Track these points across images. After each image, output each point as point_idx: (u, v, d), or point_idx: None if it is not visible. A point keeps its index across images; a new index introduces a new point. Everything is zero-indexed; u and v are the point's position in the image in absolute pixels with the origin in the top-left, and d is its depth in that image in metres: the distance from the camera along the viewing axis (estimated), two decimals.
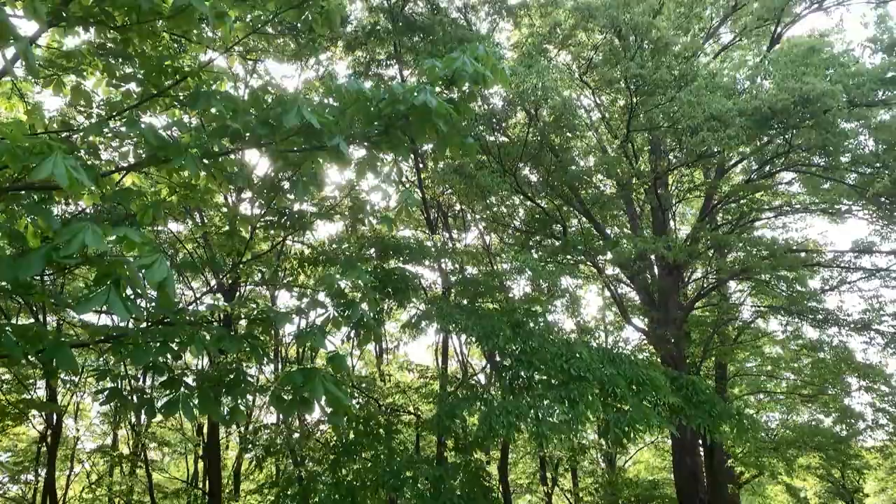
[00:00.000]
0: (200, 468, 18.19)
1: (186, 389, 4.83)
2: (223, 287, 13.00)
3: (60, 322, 12.36)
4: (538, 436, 8.79)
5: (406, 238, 13.47)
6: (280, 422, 14.99)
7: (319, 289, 5.95)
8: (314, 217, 8.83)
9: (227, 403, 5.26)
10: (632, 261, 14.53)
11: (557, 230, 15.78)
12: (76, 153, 4.71)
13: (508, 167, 13.71)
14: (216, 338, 5.01)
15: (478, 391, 12.58)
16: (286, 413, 4.62)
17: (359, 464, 10.88)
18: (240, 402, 5.26)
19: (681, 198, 17.58)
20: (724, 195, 15.70)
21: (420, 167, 14.87)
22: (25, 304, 12.00)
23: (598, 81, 13.86)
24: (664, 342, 14.88)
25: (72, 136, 5.40)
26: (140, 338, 4.66)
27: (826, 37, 16.90)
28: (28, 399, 13.98)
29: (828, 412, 19.41)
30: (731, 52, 18.31)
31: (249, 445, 13.60)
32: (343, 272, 5.92)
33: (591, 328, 19.79)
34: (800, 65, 11.81)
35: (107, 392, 5.22)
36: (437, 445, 13.53)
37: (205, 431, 15.75)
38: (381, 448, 11.06)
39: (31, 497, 16.10)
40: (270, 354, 15.31)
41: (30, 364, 4.62)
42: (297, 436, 13.39)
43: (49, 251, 2.80)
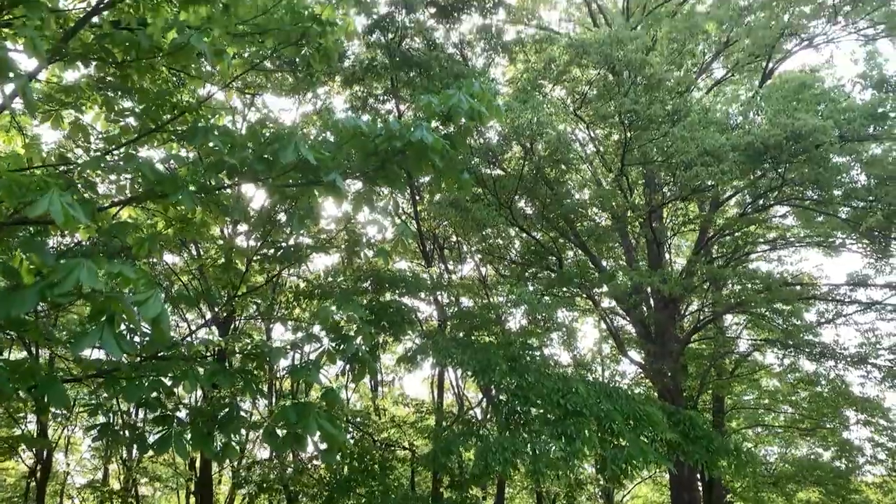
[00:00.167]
0: None
1: (179, 425, 4.77)
2: (218, 320, 12.92)
3: (53, 355, 12.24)
4: (535, 472, 8.69)
5: (402, 270, 13.48)
6: (273, 457, 14.79)
7: (314, 322, 5.93)
8: (310, 250, 8.83)
9: (220, 439, 5.20)
10: (627, 294, 14.53)
11: (553, 262, 15.80)
12: (73, 187, 4.72)
13: (504, 200, 13.78)
14: (210, 373, 4.97)
15: (474, 426, 12.46)
16: (280, 450, 4.57)
17: (353, 500, 10.73)
18: (233, 439, 5.19)
19: (676, 231, 17.65)
20: (719, 228, 15.78)
21: (416, 199, 14.93)
22: (18, 337, 11.88)
23: (593, 116, 14.01)
24: (661, 375, 14.80)
25: (69, 170, 5.41)
26: (133, 373, 4.62)
27: (816, 72, 17.18)
28: (18, 434, 13.78)
29: (826, 446, 19.26)
30: (724, 87, 18.57)
31: (242, 481, 13.40)
32: (338, 306, 5.90)
33: (588, 362, 19.68)
34: (791, 100, 11.97)
35: (98, 428, 5.17)
36: (433, 482, 13.35)
37: (197, 466, 15.52)
38: (376, 484, 10.93)
39: None
40: (264, 388, 15.17)
41: (20, 399, 4.57)
42: (291, 472, 13.20)
43: (43, 288, 2.79)
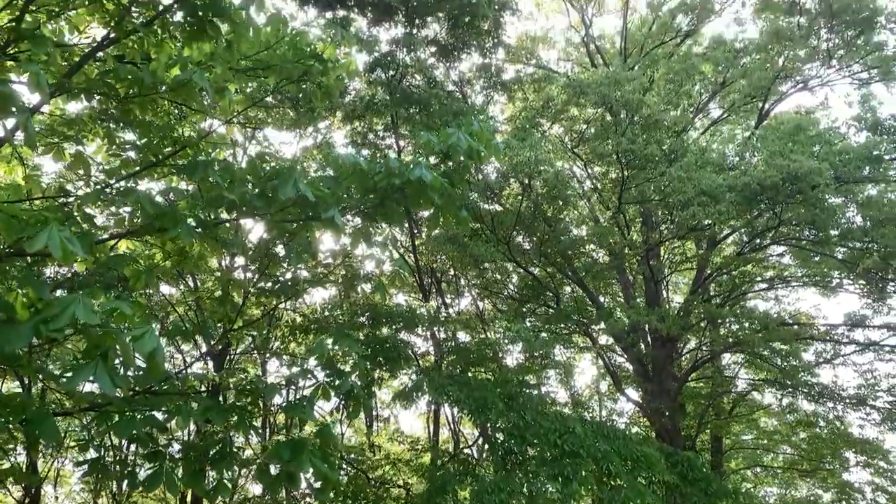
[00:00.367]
0: None
1: (170, 461, 4.71)
2: (213, 353, 12.85)
3: (45, 387, 12.12)
4: None
5: (399, 305, 13.43)
6: (266, 495, 14.55)
7: (310, 357, 5.90)
8: (308, 284, 8.82)
9: (213, 476, 5.12)
10: (625, 332, 14.49)
11: (551, 298, 15.78)
12: (72, 220, 4.73)
13: (502, 236, 13.82)
14: (203, 408, 4.92)
15: (470, 465, 12.30)
16: (272, 489, 4.50)
17: None
18: (225, 475, 5.12)
19: (673, 269, 17.68)
20: (716, 267, 15.80)
21: (414, 233, 14.97)
22: (10, 368, 11.77)
23: (590, 154, 14.14)
24: (659, 415, 14.68)
25: (68, 203, 5.43)
26: (126, 407, 4.57)
27: (812, 113, 17.42)
28: (7, 467, 13.54)
29: (826, 487, 19.03)
30: (721, 126, 18.80)
31: None
32: (335, 340, 5.87)
33: (585, 400, 19.54)
34: (787, 142, 12.10)
35: (89, 463, 5.10)
36: None
37: (188, 501, 15.25)
38: None
39: None
40: (258, 423, 14.99)
41: (10, 434, 4.52)
42: None
43: (38, 323, 2.78)
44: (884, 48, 14.56)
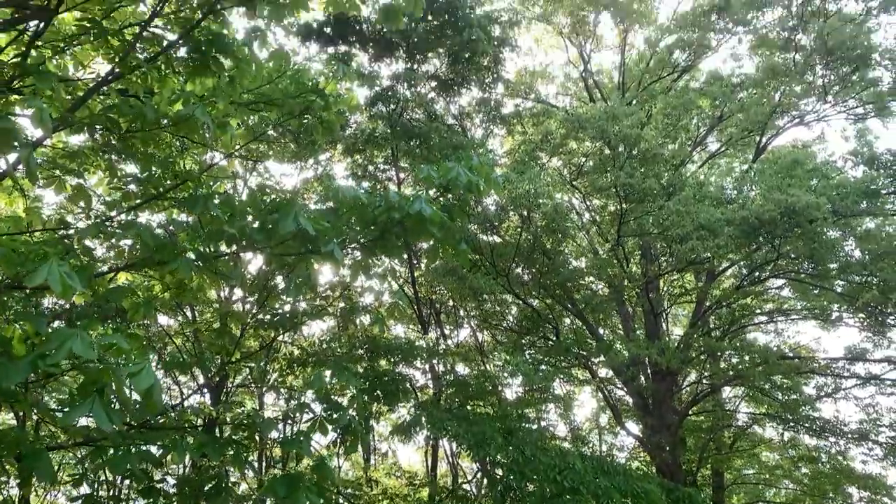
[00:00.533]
0: None
1: (165, 497, 4.66)
2: (210, 385, 12.75)
3: (39, 420, 12.00)
4: None
5: (398, 337, 13.37)
6: None
7: (307, 390, 5.86)
8: (306, 317, 8.80)
9: None
10: (625, 366, 14.40)
11: (550, 329, 15.72)
12: (72, 252, 4.73)
13: (501, 267, 13.82)
14: (199, 443, 4.87)
15: (469, 501, 12.14)
16: None
17: None
18: None
19: (673, 301, 17.65)
20: (716, 300, 15.78)
21: (413, 264, 14.97)
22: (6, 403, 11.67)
23: (589, 188, 14.21)
24: (659, 449, 14.52)
25: (68, 236, 5.44)
26: (120, 441, 4.52)
27: (808, 147, 17.58)
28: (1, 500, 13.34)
29: None
30: (719, 159, 18.93)
31: None
32: (333, 375, 5.84)
33: (585, 433, 19.34)
34: (785, 176, 12.18)
35: (83, 499, 5.03)
36: None
37: None
38: None
39: None
40: (254, 456, 14.81)
41: (2, 467, 4.46)
42: None
43: (35, 359, 2.77)
44: (879, 84, 14.74)
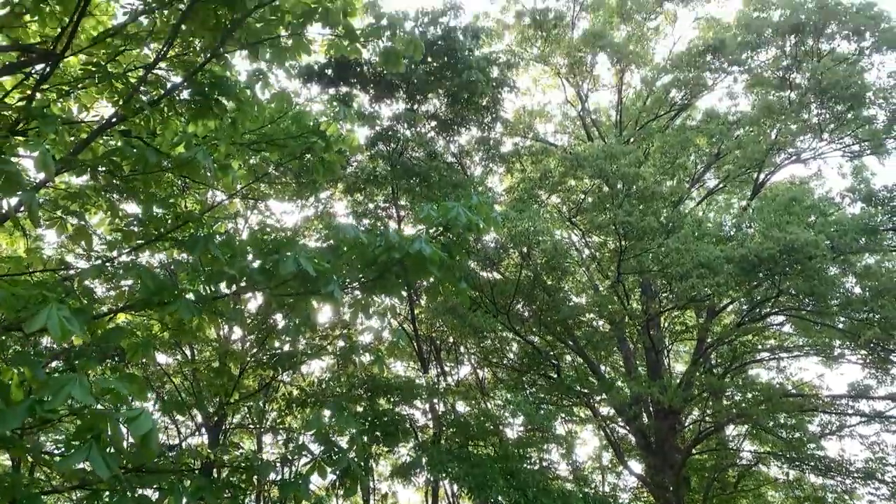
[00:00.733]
0: None
1: None
2: (209, 424, 12.62)
3: (34, 463, 11.83)
4: None
5: (398, 375, 13.28)
6: None
7: (306, 431, 5.79)
8: (305, 356, 8.75)
9: None
10: (627, 404, 14.27)
11: (551, 366, 15.62)
12: (71, 294, 4.72)
13: (501, 305, 13.79)
14: (196, 487, 4.80)
15: None
16: None
17: None
18: None
19: (674, 339, 17.57)
20: (717, 337, 15.70)
21: (413, 301, 14.93)
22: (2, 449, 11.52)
23: (588, 225, 14.26)
24: (662, 489, 14.30)
25: (68, 278, 5.44)
26: (117, 485, 4.45)
27: (806, 184, 17.69)
28: None
29: None
30: (717, 196, 19.03)
31: None
32: (332, 416, 5.78)
33: (587, 474, 19.04)
34: (783, 213, 12.22)
35: None
36: None
37: None
38: None
39: None
40: (252, 499, 14.57)
41: None
42: None
43: (33, 404, 2.75)
44: (873, 122, 14.89)
